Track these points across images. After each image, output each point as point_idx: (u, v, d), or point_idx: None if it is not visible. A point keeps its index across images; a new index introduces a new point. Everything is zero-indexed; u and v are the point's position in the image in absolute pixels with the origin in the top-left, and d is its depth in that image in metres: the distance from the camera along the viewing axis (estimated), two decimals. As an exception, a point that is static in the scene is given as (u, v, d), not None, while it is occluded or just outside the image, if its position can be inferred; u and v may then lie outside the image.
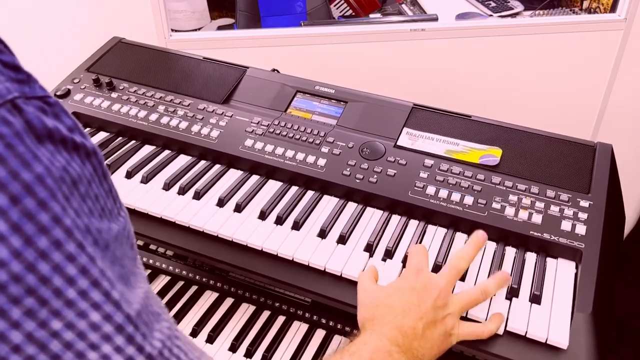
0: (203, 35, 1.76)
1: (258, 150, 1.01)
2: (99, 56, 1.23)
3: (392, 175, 0.95)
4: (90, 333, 0.38)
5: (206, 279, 1.05)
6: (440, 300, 0.72)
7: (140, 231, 0.93)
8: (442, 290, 0.73)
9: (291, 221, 0.91)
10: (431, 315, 0.71)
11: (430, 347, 0.70)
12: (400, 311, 0.71)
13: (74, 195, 0.39)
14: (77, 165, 0.40)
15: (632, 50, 1.66)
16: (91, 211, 0.40)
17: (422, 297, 0.72)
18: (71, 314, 0.37)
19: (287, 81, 1.14)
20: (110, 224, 0.42)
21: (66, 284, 0.37)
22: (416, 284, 0.73)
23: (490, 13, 2.14)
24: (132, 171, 1.00)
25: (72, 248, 0.37)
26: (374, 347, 0.67)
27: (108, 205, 0.43)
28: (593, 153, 0.97)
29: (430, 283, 0.73)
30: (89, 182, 0.41)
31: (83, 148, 0.41)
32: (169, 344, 0.43)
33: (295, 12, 2.48)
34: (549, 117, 1.75)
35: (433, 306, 0.71)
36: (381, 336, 0.68)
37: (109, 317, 0.39)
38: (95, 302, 0.38)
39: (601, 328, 0.76)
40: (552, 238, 0.85)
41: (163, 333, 0.44)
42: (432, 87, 1.71)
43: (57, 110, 0.41)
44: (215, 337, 0.96)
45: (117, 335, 0.39)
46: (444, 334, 0.71)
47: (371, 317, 0.72)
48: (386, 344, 0.67)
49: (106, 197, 0.43)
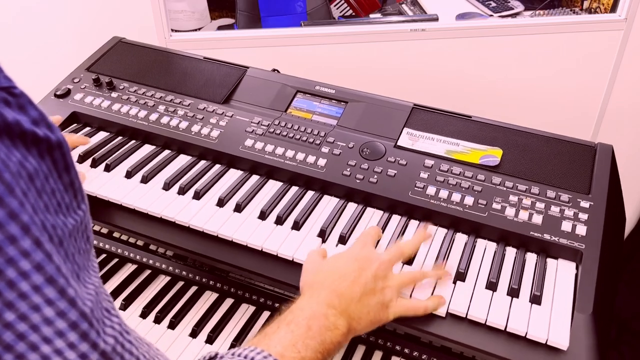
0: (203, 35, 1.76)
1: (258, 150, 1.01)
2: (99, 56, 1.23)
3: (392, 175, 0.95)
4: (43, 327, 0.38)
5: (206, 280, 1.05)
6: (380, 272, 0.75)
7: (140, 231, 0.93)
8: (383, 263, 0.76)
9: (291, 221, 0.91)
10: (370, 284, 0.73)
11: (366, 312, 0.72)
12: (338, 276, 0.73)
13: (30, 190, 0.39)
14: (34, 159, 0.40)
15: (633, 50, 1.66)
16: (47, 207, 0.40)
17: (362, 267, 0.75)
18: (24, 306, 0.38)
19: (288, 81, 1.14)
20: (66, 219, 0.42)
21: (20, 277, 0.37)
22: (359, 254, 0.77)
23: (490, 13, 2.14)
24: (132, 171, 1.00)
25: (28, 244, 0.37)
26: (310, 313, 0.68)
27: (65, 200, 0.43)
28: (593, 153, 0.97)
29: (373, 255, 0.77)
30: (46, 177, 0.41)
31: (45, 141, 0.41)
32: (120, 340, 0.44)
33: (296, 12, 2.48)
34: (549, 117, 1.75)
35: (373, 276, 0.74)
36: (318, 300, 0.70)
37: (62, 314, 0.39)
38: (49, 298, 0.39)
39: (601, 329, 0.76)
40: (552, 239, 0.84)
41: (115, 329, 0.44)
42: (433, 87, 1.71)
43: (22, 101, 0.40)
44: (215, 337, 0.96)
45: (70, 332, 0.40)
46: (381, 304, 0.73)
47: (311, 283, 0.75)
48: (322, 308, 0.69)
49: (64, 191, 0.43)
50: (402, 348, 0.91)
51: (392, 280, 0.75)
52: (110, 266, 1.10)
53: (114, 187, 0.97)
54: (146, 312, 1.00)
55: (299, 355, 0.63)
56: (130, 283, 1.06)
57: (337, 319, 0.69)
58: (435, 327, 0.76)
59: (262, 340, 0.64)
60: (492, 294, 0.79)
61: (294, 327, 0.66)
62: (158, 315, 0.99)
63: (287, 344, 0.64)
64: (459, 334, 0.76)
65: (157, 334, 0.97)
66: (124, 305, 1.02)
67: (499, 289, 0.80)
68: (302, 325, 0.66)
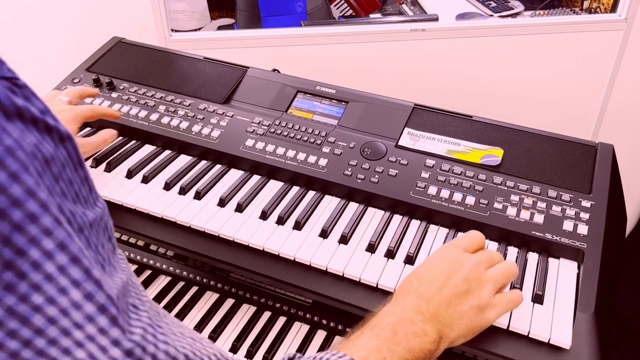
0: (203, 35, 1.76)
1: (259, 150, 1.01)
2: (99, 56, 1.23)
3: (393, 175, 0.95)
4: (72, 311, 0.37)
5: (207, 280, 1.05)
6: (471, 274, 0.68)
7: (140, 231, 0.93)
8: (475, 265, 0.69)
9: (292, 221, 0.91)
10: (462, 287, 0.67)
11: (459, 318, 0.66)
12: (426, 280, 0.68)
13: (46, 173, 0.37)
14: (50, 146, 0.38)
15: (633, 50, 1.66)
16: (64, 193, 0.39)
17: (452, 268, 0.69)
18: (52, 289, 0.36)
19: (288, 81, 1.14)
20: (85, 210, 0.41)
21: (44, 256, 0.36)
22: (449, 256, 0.71)
23: (490, 13, 2.14)
24: (132, 171, 1.00)
25: (49, 222, 0.36)
26: (396, 318, 0.64)
27: (83, 193, 0.41)
28: (594, 153, 0.97)
29: (464, 257, 0.71)
30: (63, 166, 0.39)
31: (56, 131, 0.39)
32: (151, 331, 0.42)
33: (296, 12, 2.48)
34: (549, 117, 1.75)
35: (463, 278, 0.68)
36: (404, 307, 0.66)
37: (90, 296, 0.38)
38: (75, 279, 0.37)
39: (603, 328, 0.76)
40: (554, 238, 0.84)
41: (142, 321, 0.42)
42: (433, 87, 1.71)
43: (26, 92, 0.39)
44: (216, 338, 0.96)
45: (100, 316, 0.38)
46: (477, 308, 0.67)
47: (399, 288, 0.71)
48: (409, 314, 0.65)
49: (81, 184, 0.41)
50: (404, 348, 0.91)
51: (486, 281, 0.69)
52: (110, 266, 1.10)
53: (114, 187, 0.97)
54: (147, 313, 1.00)
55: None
56: (130, 283, 1.06)
57: (425, 325, 0.64)
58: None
59: (346, 346, 0.61)
60: (493, 293, 0.79)
61: (378, 331, 0.63)
62: (159, 316, 0.99)
63: (372, 349, 0.60)
64: (460, 334, 0.75)
65: (158, 334, 0.97)
66: (124, 305, 1.01)
67: (500, 289, 0.80)
68: (387, 330, 0.63)
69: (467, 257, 0.71)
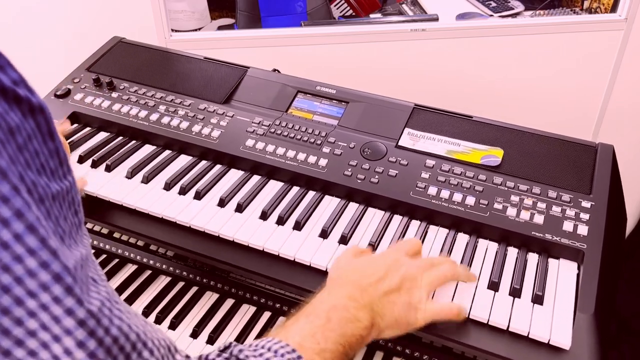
0: (203, 35, 1.76)
1: (259, 150, 1.01)
2: (99, 56, 1.23)
3: (393, 175, 0.95)
4: (27, 279, 0.37)
5: (206, 280, 1.05)
6: (408, 274, 0.73)
7: (141, 231, 0.93)
8: (412, 267, 0.74)
9: (293, 221, 0.91)
10: (396, 283, 0.71)
11: (391, 309, 0.70)
12: (365, 274, 0.72)
13: (9, 143, 0.37)
14: (16, 116, 0.38)
15: (633, 50, 1.66)
16: (28, 164, 0.39)
17: (390, 267, 0.73)
18: (7, 256, 0.36)
19: (288, 81, 1.14)
20: (50, 182, 0.41)
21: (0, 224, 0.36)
22: (387, 258, 0.75)
23: (490, 13, 2.14)
24: (132, 171, 0.99)
25: (7, 189, 0.36)
26: (330, 305, 0.67)
27: (50, 165, 0.41)
28: (594, 154, 0.97)
29: (404, 259, 0.75)
30: (29, 137, 0.39)
31: (27, 102, 0.39)
32: (108, 304, 0.42)
33: (296, 12, 2.48)
34: (549, 117, 1.75)
35: (400, 276, 0.72)
36: (338, 294, 0.69)
37: (45, 265, 0.37)
38: (30, 247, 0.37)
39: (603, 328, 0.76)
40: (554, 238, 0.84)
41: (100, 294, 0.42)
42: (433, 88, 1.71)
43: (1, 62, 0.39)
44: (216, 338, 0.96)
45: (55, 285, 0.38)
46: (408, 304, 0.71)
47: (334, 278, 0.74)
48: (342, 300, 0.68)
49: (49, 156, 0.41)
50: (403, 349, 0.91)
51: (421, 281, 0.73)
52: (110, 267, 1.10)
53: (114, 187, 0.97)
54: (147, 313, 1.00)
55: (319, 346, 0.61)
56: (130, 284, 1.06)
57: (358, 311, 0.67)
58: (436, 328, 0.76)
59: (281, 332, 0.63)
60: (494, 294, 0.79)
61: (313, 318, 0.65)
62: (159, 316, 0.99)
63: (306, 334, 0.62)
64: (460, 334, 0.75)
65: (158, 334, 0.97)
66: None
67: (500, 289, 0.80)
68: (322, 316, 0.65)
69: (407, 259, 0.76)
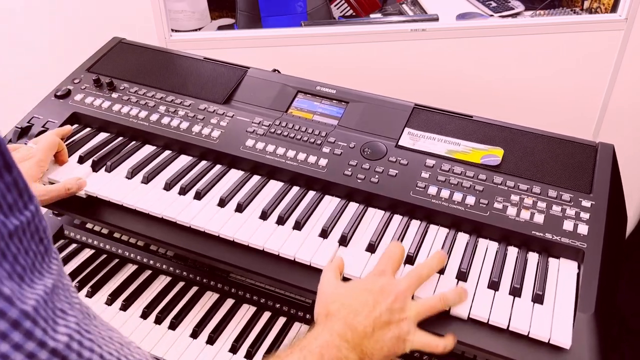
0: (203, 35, 1.76)
1: (259, 150, 1.01)
2: (99, 56, 1.23)
3: (393, 175, 0.95)
4: None
5: (207, 280, 1.05)
6: (397, 304, 0.73)
7: (141, 231, 0.93)
8: (400, 294, 0.74)
9: (292, 221, 0.91)
10: (385, 317, 0.72)
11: (380, 348, 0.71)
12: (353, 309, 0.73)
13: None
14: None
15: (633, 50, 1.66)
16: None
17: (377, 299, 0.73)
18: None
19: (288, 81, 1.14)
20: (6, 219, 0.40)
21: None
22: (374, 285, 0.76)
23: (491, 13, 2.14)
24: (133, 171, 1.00)
25: None
26: (323, 342, 0.69)
27: (8, 200, 0.41)
28: (595, 153, 0.97)
29: (389, 286, 0.75)
30: None
31: None
32: (77, 337, 0.42)
33: (296, 12, 2.48)
34: (549, 117, 1.75)
35: (388, 308, 0.73)
36: (332, 332, 0.71)
37: (2, 314, 0.37)
38: None
39: (604, 328, 0.76)
40: (554, 238, 0.84)
41: (70, 327, 0.42)
42: (433, 87, 1.71)
43: None
44: (216, 338, 0.96)
45: (13, 332, 0.38)
46: (397, 338, 0.72)
47: (325, 313, 0.74)
48: (335, 339, 0.70)
49: (6, 190, 0.41)
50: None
51: (410, 311, 0.74)
52: (110, 267, 1.10)
53: (115, 187, 0.97)
54: (147, 313, 1.00)
55: None
56: (130, 283, 1.06)
57: (349, 352, 0.69)
58: (436, 327, 0.76)
59: None
60: (494, 293, 0.79)
61: (306, 353, 0.68)
62: (159, 316, 0.99)
63: None
64: (460, 334, 0.75)
65: (157, 334, 0.97)
66: (124, 305, 1.01)
67: (501, 289, 0.80)
68: (315, 352, 0.68)
69: (393, 285, 0.75)
